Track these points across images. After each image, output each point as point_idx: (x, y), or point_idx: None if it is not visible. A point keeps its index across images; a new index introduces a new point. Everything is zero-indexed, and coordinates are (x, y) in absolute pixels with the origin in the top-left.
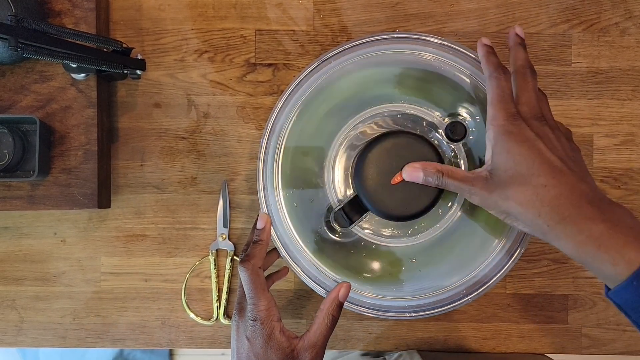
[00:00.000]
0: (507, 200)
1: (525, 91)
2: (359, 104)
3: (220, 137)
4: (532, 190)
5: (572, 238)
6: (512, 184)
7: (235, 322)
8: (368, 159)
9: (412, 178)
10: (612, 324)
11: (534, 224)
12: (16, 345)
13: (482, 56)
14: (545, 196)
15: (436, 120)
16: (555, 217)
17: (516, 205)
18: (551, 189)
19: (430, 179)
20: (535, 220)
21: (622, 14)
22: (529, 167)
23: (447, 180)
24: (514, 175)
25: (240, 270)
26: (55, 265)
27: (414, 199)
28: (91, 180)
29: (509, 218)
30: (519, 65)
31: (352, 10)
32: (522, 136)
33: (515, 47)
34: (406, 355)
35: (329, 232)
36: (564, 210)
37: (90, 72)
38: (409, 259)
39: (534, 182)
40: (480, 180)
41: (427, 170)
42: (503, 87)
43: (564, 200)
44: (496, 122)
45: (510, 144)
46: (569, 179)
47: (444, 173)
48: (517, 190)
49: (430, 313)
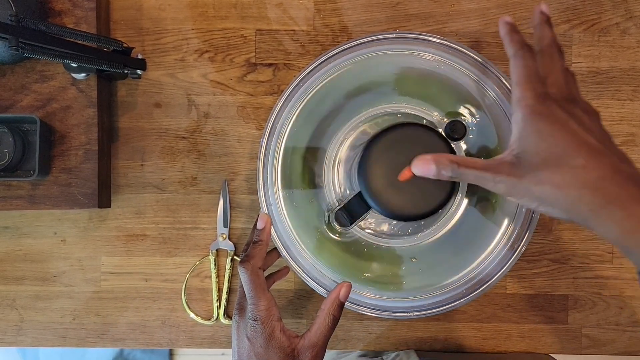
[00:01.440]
0: (541, 185)
1: (552, 72)
2: (359, 104)
3: (220, 137)
4: (571, 171)
5: (619, 223)
6: (546, 167)
7: (236, 321)
8: (372, 155)
9: (424, 172)
10: (612, 324)
11: (574, 209)
12: (16, 344)
13: (506, 34)
14: (586, 178)
15: (436, 119)
16: (600, 200)
17: (553, 189)
18: (592, 171)
19: (445, 172)
20: (576, 204)
21: (622, 14)
22: (564, 148)
23: (464, 170)
24: (548, 157)
25: (240, 270)
26: (56, 264)
27: (425, 195)
28: (91, 179)
29: (543, 205)
30: (545, 45)
31: (352, 10)
32: (554, 117)
33: (540, 25)
34: (403, 354)
35: (329, 232)
36: (608, 192)
37: (91, 71)
38: (409, 258)
39: (572, 163)
40: (506, 166)
41: (440, 162)
42: (529, 66)
43: (607, 182)
44: (524, 102)
45: (541, 124)
46: (610, 159)
47: (460, 164)
48: (554, 173)
49: (431, 313)
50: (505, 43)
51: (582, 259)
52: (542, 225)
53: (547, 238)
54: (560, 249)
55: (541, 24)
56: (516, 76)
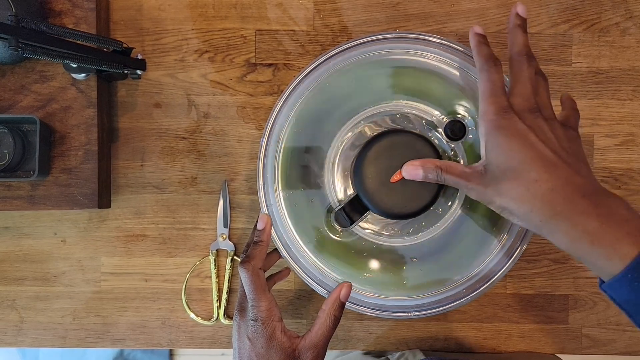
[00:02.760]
0: (501, 196)
1: (519, 82)
2: (359, 104)
3: (220, 137)
4: (525, 185)
5: (566, 233)
6: (505, 179)
7: (237, 322)
8: (367, 158)
9: (412, 176)
10: (613, 324)
11: (528, 219)
12: (16, 345)
13: (474, 47)
14: (537, 191)
15: (435, 119)
16: (548, 212)
17: (509, 201)
18: (543, 184)
19: (430, 176)
20: (529, 215)
21: (622, 14)
22: (521, 162)
23: (445, 175)
24: (507, 170)
25: (241, 271)
26: (56, 265)
27: (414, 196)
28: (91, 180)
29: (505, 212)
30: (515, 52)
31: (352, 10)
32: (514, 130)
33: (514, 29)
34: (409, 354)
35: (330, 232)
36: (556, 204)
37: (91, 72)
38: (409, 258)
39: (526, 176)
40: (477, 175)
41: (426, 167)
42: (494, 80)
43: (556, 194)
44: (487, 117)
45: (501, 138)
46: (562, 172)
47: (443, 169)
48: (510, 186)
49: (431, 312)
50: (474, 55)
51: None
52: None
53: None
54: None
55: (514, 28)
56: (481, 90)
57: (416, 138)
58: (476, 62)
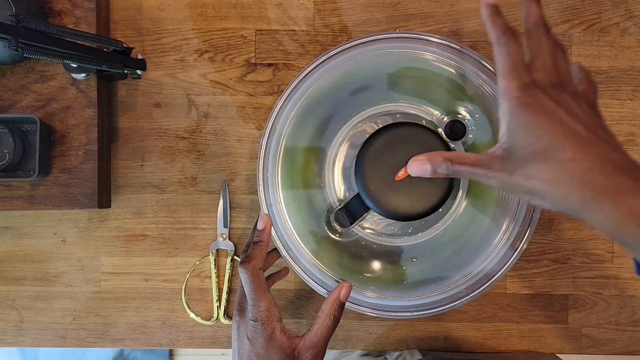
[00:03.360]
0: (531, 180)
1: (539, 55)
2: (359, 104)
3: (220, 137)
4: (559, 165)
5: (610, 215)
6: (534, 161)
7: (236, 322)
8: (369, 155)
9: (420, 172)
10: (612, 324)
11: (565, 203)
12: (16, 345)
13: (487, 18)
14: (574, 171)
15: (435, 119)
16: (589, 193)
17: (542, 184)
18: (580, 163)
19: (440, 170)
20: (566, 198)
21: (622, 14)
22: (552, 141)
23: (458, 167)
24: (536, 151)
25: (240, 271)
26: (56, 265)
27: (422, 195)
28: (91, 180)
29: (535, 198)
30: (531, 23)
31: (352, 10)
32: (541, 107)
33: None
34: (407, 353)
35: (330, 232)
36: (597, 185)
37: (91, 72)
38: (409, 258)
39: (560, 156)
40: (497, 161)
41: (434, 161)
42: (513, 54)
43: (596, 173)
44: (510, 95)
45: (528, 117)
46: (598, 149)
47: (454, 160)
48: (542, 167)
49: (431, 312)
50: (487, 27)
51: (582, 258)
52: (542, 224)
53: (547, 237)
54: (561, 249)
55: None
56: (500, 65)
57: (422, 130)
58: (491, 34)
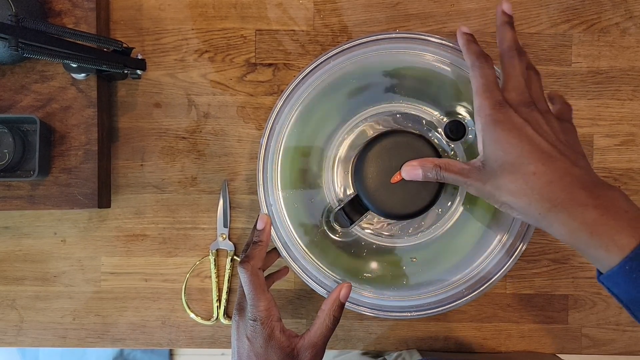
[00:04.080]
0: (499, 190)
1: (512, 76)
2: (359, 104)
3: (220, 137)
4: (522, 178)
5: (565, 225)
6: (503, 174)
7: (236, 322)
8: (368, 159)
9: (412, 176)
10: (612, 324)
11: (527, 212)
12: (16, 345)
13: (463, 45)
14: (535, 184)
15: (435, 119)
16: (546, 204)
17: (508, 195)
18: (541, 176)
19: (430, 175)
20: (527, 208)
21: (622, 14)
22: (518, 156)
23: (444, 173)
24: (504, 164)
25: (240, 271)
26: (56, 265)
27: (414, 196)
28: (91, 180)
29: (505, 207)
30: (505, 48)
31: (352, 10)
32: (510, 124)
33: (502, 26)
34: (406, 354)
35: (329, 232)
36: (554, 197)
37: (91, 71)
38: (409, 258)
39: (524, 170)
40: (475, 171)
41: (425, 167)
42: (487, 75)
43: (554, 187)
44: (483, 112)
45: (498, 133)
46: (559, 164)
47: (442, 167)
48: (508, 180)
49: (431, 312)
50: (464, 53)
51: (582, 258)
52: None
53: (547, 238)
54: (560, 249)
55: (502, 25)
56: (475, 86)
57: (416, 138)
58: (467, 59)
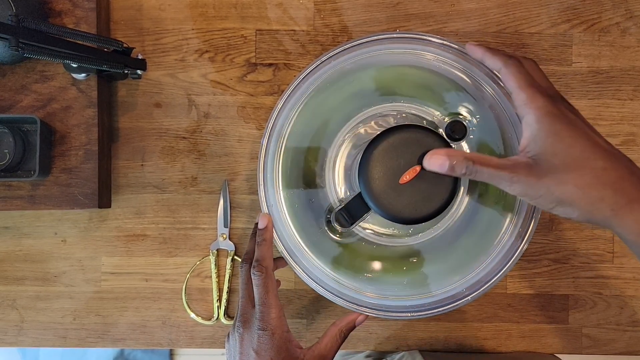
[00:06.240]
0: (563, 185)
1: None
2: (359, 104)
3: (220, 137)
4: (592, 173)
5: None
6: (567, 169)
7: (239, 334)
8: (373, 157)
9: (436, 167)
10: (613, 324)
11: (595, 209)
12: (17, 345)
13: (485, 52)
14: (607, 179)
15: (436, 119)
16: (621, 200)
17: (575, 189)
18: (612, 172)
19: (458, 169)
20: (597, 204)
21: (622, 14)
22: (583, 150)
23: (480, 168)
24: (567, 158)
25: (254, 275)
26: (56, 265)
27: (425, 198)
28: (92, 180)
29: (562, 205)
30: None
31: (352, 10)
32: (565, 118)
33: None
34: (408, 355)
35: (330, 232)
36: (629, 192)
37: (91, 72)
38: (410, 258)
39: (592, 165)
40: (523, 166)
41: (453, 158)
42: (524, 71)
43: (626, 183)
44: (535, 104)
45: (557, 126)
46: (623, 161)
47: (475, 161)
48: (575, 174)
49: (431, 313)
50: (487, 61)
51: (583, 258)
52: (542, 224)
53: (547, 238)
54: (561, 249)
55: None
56: (516, 81)
57: (427, 134)
58: (494, 63)
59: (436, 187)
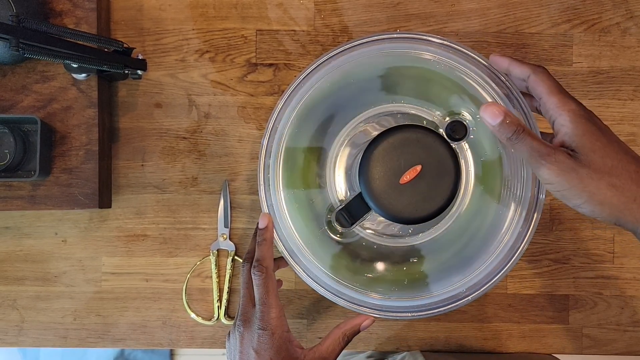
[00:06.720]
0: (598, 181)
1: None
2: (360, 104)
3: (221, 137)
4: (627, 174)
5: None
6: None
7: (239, 333)
8: (373, 157)
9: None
10: (613, 324)
11: (627, 208)
12: (17, 345)
13: (511, 63)
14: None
15: (437, 119)
16: None
17: (610, 187)
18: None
19: (508, 128)
20: (630, 204)
21: (623, 14)
22: (617, 152)
23: (525, 137)
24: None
25: (254, 275)
26: (56, 265)
27: (426, 198)
28: (92, 180)
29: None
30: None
31: (352, 10)
32: (598, 123)
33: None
34: (409, 356)
35: (330, 232)
36: None
37: (91, 72)
38: (410, 258)
39: (626, 167)
40: (563, 152)
41: (508, 116)
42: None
43: None
44: (568, 107)
45: (591, 127)
46: None
47: (525, 130)
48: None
49: (432, 313)
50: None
51: (583, 258)
52: (543, 225)
53: (548, 238)
54: (561, 249)
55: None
56: (546, 87)
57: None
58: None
59: (436, 187)
